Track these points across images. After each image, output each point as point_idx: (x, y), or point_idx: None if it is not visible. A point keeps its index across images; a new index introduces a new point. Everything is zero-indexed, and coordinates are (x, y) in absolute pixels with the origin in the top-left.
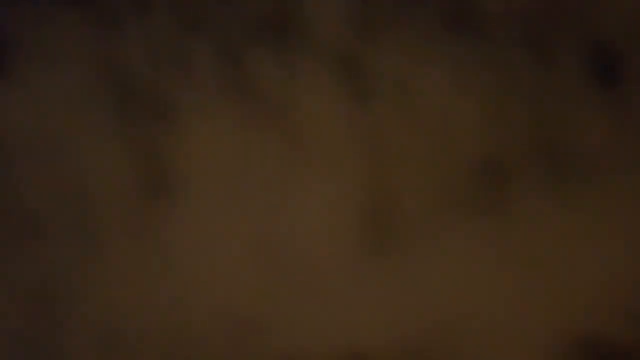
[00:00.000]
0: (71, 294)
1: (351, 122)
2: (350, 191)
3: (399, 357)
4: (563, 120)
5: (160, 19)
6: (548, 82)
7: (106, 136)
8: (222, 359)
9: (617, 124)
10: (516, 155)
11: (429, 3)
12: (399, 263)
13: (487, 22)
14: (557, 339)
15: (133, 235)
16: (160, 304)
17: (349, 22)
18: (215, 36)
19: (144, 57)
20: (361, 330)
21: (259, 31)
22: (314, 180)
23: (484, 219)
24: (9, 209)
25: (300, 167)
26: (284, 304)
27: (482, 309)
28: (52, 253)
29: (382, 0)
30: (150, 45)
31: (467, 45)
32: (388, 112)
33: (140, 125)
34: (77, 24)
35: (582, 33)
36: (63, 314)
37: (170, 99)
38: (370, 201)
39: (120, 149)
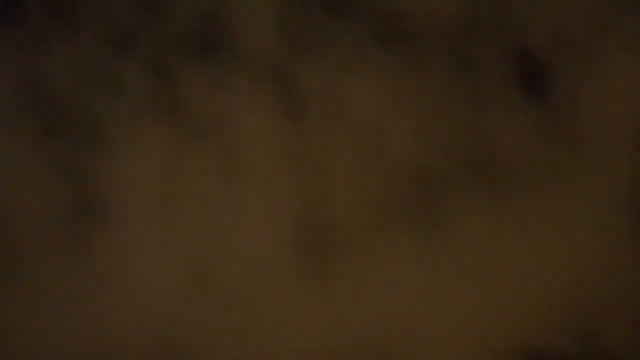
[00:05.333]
0: None
1: (283, 138)
2: (284, 209)
3: None
4: (491, 132)
5: (89, 39)
6: (477, 94)
7: (31, 160)
8: None
9: (544, 134)
10: (447, 168)
11: (359, 19)
12: (333, 280)
13: (415, 36)
14: (492, 351)
15: (60, 262)
16: (88, 330)
17: (280, 38)
18: (146, 56)
19: (72, 78)
20: (293, 353)
21: (190, 49)
22: (246, 199)
23: (418, 232)
24: None
25: (232, 186)
26: (212, 330)
27: (417, 323)
28: None
29: (313, 17)
30: (78, 65)
31: (397, 59)
32: (320, 127)
33: (67, 147)
34: (4, 43)
35: (509, 43)
36: None
37: (100, 119)
38: (304, 219)
39: (46, 172)
